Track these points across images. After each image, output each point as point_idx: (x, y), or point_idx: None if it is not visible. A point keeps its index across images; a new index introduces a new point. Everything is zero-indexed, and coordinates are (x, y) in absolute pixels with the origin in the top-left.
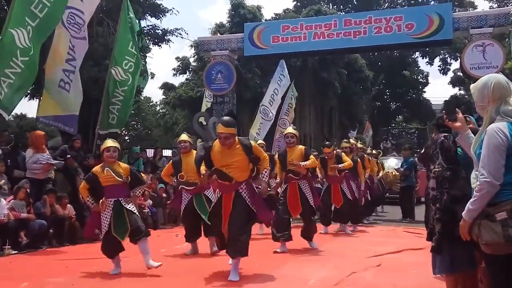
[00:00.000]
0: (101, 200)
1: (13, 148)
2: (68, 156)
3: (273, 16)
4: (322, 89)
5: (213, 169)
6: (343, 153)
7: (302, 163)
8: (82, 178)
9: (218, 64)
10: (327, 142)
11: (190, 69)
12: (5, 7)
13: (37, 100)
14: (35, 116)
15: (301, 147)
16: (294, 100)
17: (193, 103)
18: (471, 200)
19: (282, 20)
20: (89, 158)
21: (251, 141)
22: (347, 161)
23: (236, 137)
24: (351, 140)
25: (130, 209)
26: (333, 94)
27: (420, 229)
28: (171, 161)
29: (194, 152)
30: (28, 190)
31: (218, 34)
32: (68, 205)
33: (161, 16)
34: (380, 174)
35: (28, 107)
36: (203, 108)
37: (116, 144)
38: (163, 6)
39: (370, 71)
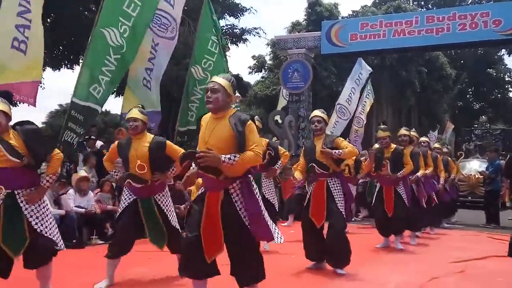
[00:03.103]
0: None
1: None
2: None
3: (350, 13)
4: (400, 87)
5: (190, 151)
6: (405, 151)
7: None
8: None
9: (294, 63)
10: (382, 126)
11: (266, 67)
12: (93, 8)
13: (122, 97)
14: (118, 113)
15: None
16: (372, 98)
17: (269, 101)
18: None
19: (360, 18)
20: None
21: (251, 122)
22: (408, 164)
23: (233, 108)
24: (412, 133)
25: (28, 213)
26: (411, 93)
27: (506, 235)
28: None
29: (263, 139)
30: (113, 183)
31: (296, 33)
32: None
33: (239, 15)
34: (454, 176)
35: (112, 104)
36: (279, 106)
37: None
38: (241, 6)
39: (452, 69)
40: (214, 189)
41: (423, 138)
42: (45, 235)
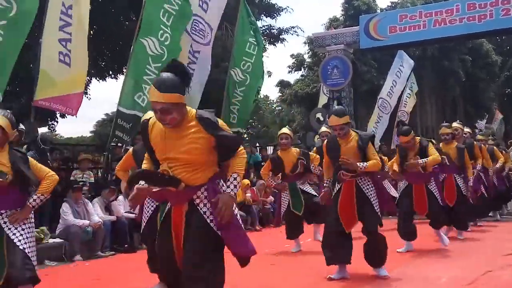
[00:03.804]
0: None
1: None
2: None
3: (389, 5)
4: (444, 78)
5: (137, 171)
6: (430, 144)
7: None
8: None
9: (333, 59)
10: (404, 127)
11: (305, 65)
12: (133, 18)
13: None
14: None
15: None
16: (415, 90)
17: (309, 100)
18: None
19: (399, 9)
20: None
21: (219, 120)
22: (433, 155)
23: (190, 108)
24: (455, 124)
25: (12, 237)
26: (455, 82)
27: None
28: (269, 158)
29: (294, 149)
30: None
31: (332, 29)
32: None
33: (276, 15)
34: (501, 164)
35: None
36: (320, 104)
37: None
38: (277, 6)
39: (498, 55)
40: (177, 202)
41: (465, 129)
42: (27, 253)
